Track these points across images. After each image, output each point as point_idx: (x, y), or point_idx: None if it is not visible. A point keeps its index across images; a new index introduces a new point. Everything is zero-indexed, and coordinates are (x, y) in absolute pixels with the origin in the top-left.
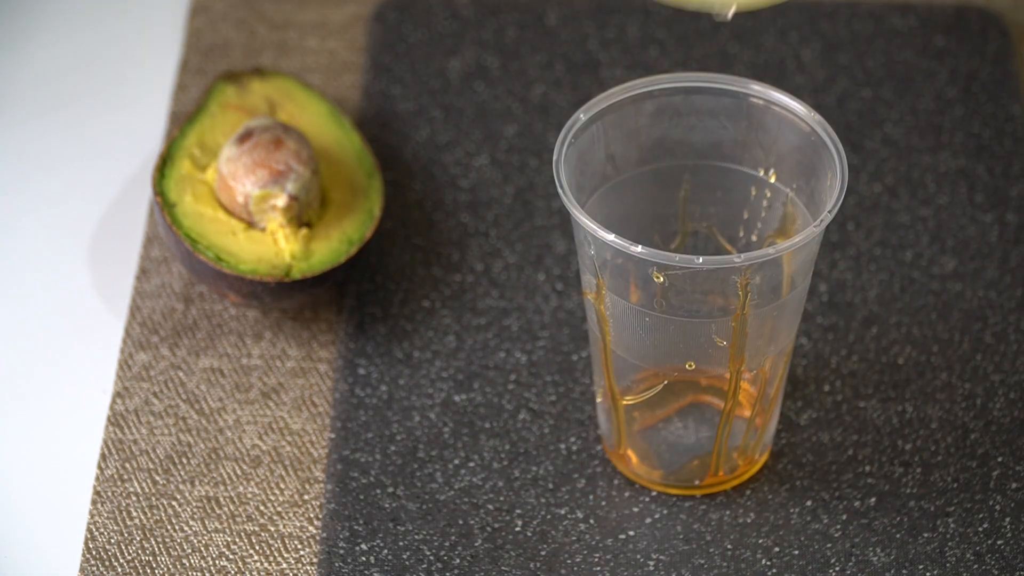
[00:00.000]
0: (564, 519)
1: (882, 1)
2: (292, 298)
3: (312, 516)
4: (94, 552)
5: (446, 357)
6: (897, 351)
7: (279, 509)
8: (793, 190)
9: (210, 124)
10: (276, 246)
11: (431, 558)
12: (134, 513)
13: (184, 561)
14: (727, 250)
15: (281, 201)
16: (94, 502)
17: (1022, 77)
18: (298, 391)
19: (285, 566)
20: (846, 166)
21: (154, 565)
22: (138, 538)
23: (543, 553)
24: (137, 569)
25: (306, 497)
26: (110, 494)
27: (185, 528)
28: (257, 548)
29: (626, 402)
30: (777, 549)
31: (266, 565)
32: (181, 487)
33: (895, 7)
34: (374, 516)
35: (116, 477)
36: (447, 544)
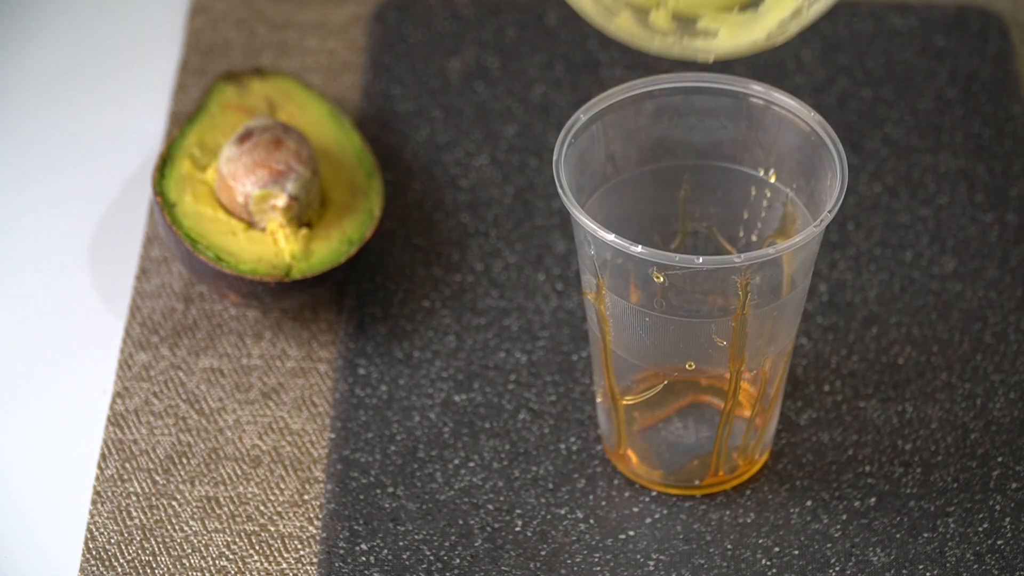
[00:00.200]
0: (564, 519)
1: (882, 1)
2: (292, 298)
3: (312, 516)
4: (94, 552)
5: (446, 357)
6: (897, 351)
7: (279, 509)
8: (793, 190)
9: (210, 124)
10: (276, 246)
11: (431, 558)
12: (134, 513)
13: (184, 561)
14: (727, 250)
15: (281, 201)
16: (94, 502)
17: (1022, 77)
18: (298, 391)
19: (285, 566)
20: (846, 166)
21: (154, 565)
22: (138, 538)
23: (543, 553)
24: (137, 569)
25: (306, 497)
26: (110, 494)
27: (185, 528)
28: (257, 548)
29: (626, 402)
30: (777, 549)
31: (266, 565)
32: (181, 487)
33: (895, 7)
34: (374, 516)
35: (116, 477)
36: (447, 544)
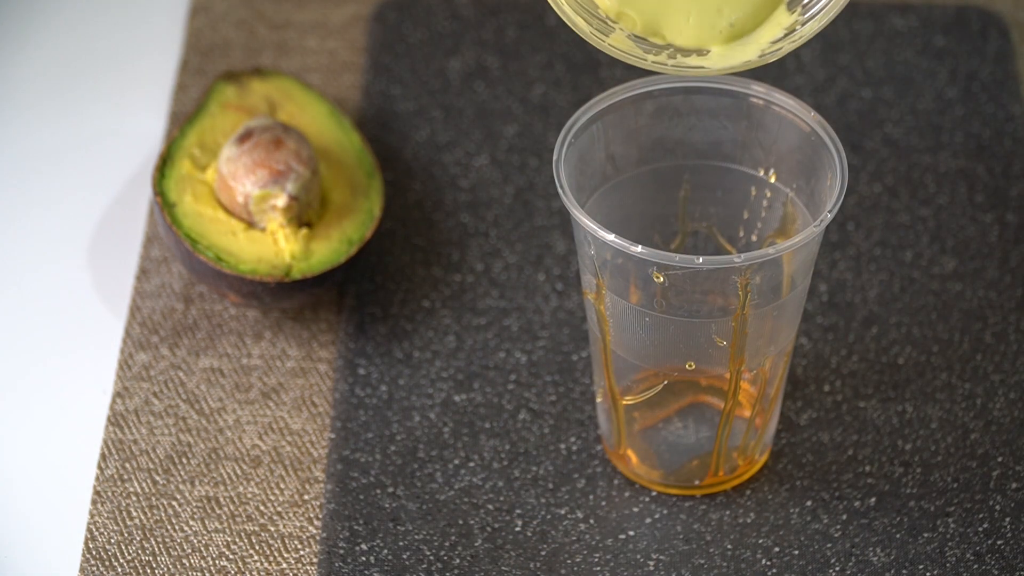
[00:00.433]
0: (564, 519)
1: (882, 1)
2: (292, 298)
3: (312, 516)
4: (94, 552)
5: (446, 357)
6: (897, 351)
7: (279, 509)
8: (793, 190)
9: (210, 124)
10: (276, 246)
11: (431, 558)
12: (134, 513)
13: (184, 561)
14: (727, 250)
15: (281, 201)
16: (94, 502)
17: (1022, 77)
18: (298, 391)
19: (285, 566)
20: (846, 166)
21: (154, 565)
22: (138, 538)
23: (543, 553)
24: (137, 569)
25: (306, 497)
26: (110, 494)
27: (185, 528)
28: (257, 548)
29: (626, 402)
30: (777, 549)
31: (266, 565)
32: (181, 487)
33: (895, 7)
34: (374, 516)
35: (116, 477)
36: (447, 544)
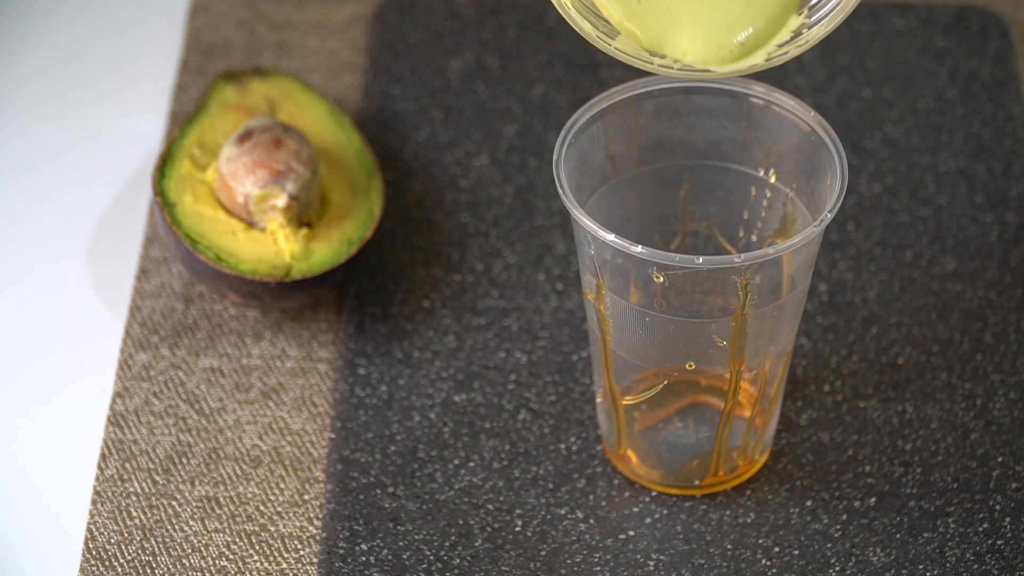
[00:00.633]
0: (564, 519)
1: (882, 1)
2: (292, 298)
3: (312, 516)
4: (94, 552)
5: (446, 357)
6: (897, 351)
7: (279, 509)
8: (793, 190)
9: (210, 124)
10: (276, 246)
11: (431, 558)
12: (134, 513)
13: (184, 561)
14: (727, 250)
15: (281, 201)
16: (94, 502)
17: (1022, 77)
18: (298, 391)
19: (285, 566)
20: (846, 166)
21: (154, 565)
22: (138, 538)
23: (543, 553)
24: (137, 569)
25: (306, 497)
26: (110, 494)
27: (185, 528)
28: (257, 548)
29: (626, 402)
30: (777, 549)
31: (266, 565)
32: (181, 487)
33: (895, 7)
34: (374, 516)
35: (116, 477)
36: (447, 544)
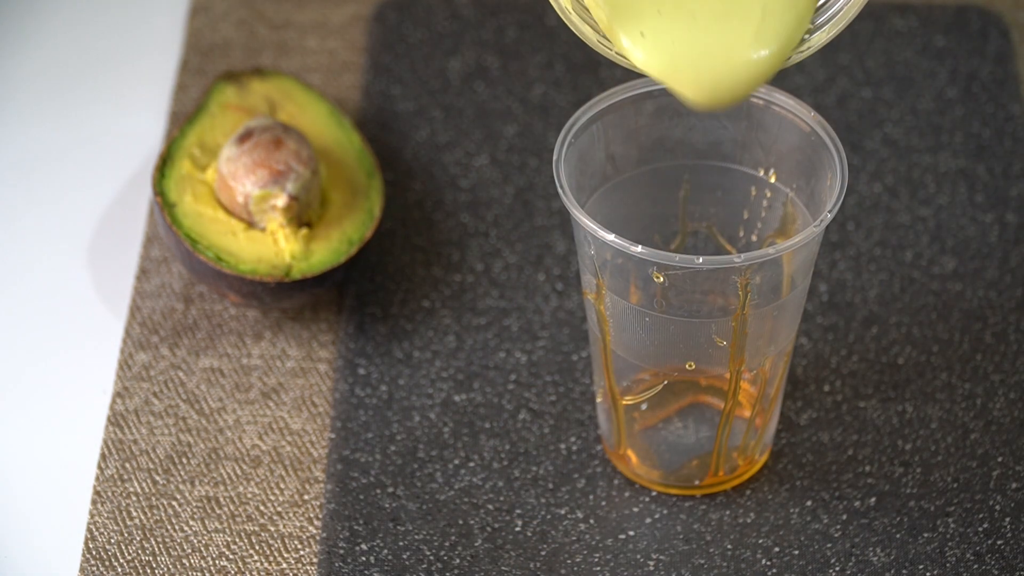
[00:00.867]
0: (564, 519)
1: (882, 1)
2: (292, 298)
3: (312, 516)
4: (94, 552)
5: (446, 357)
6: (897, 351)
7: (279, 509)
8: (793, 190)
9: (210, 124)
10: (276, 246)
11: (431, 558)
12: (134, 513)
13: (184, 561)
14: (727, 250)
15: (281, 201)
16: (94, 502)
17: (1022, 77)
18: (298, 391)
19: (285, 566)
20: (846, 166)
21: (154, 565)
22: (138, 538)
23: (543, 553)
24: (137, 569)
25: (306, 497)
26: (110, 494)
27: (185, 528)
28: (257, 548)
29: (626, 402)
30: (777, 549)
31: (266, 565)
32: (181, 487)
33: (895, 7)
34: (374, 516)
35: (116, 477)
36: (447, 544)
